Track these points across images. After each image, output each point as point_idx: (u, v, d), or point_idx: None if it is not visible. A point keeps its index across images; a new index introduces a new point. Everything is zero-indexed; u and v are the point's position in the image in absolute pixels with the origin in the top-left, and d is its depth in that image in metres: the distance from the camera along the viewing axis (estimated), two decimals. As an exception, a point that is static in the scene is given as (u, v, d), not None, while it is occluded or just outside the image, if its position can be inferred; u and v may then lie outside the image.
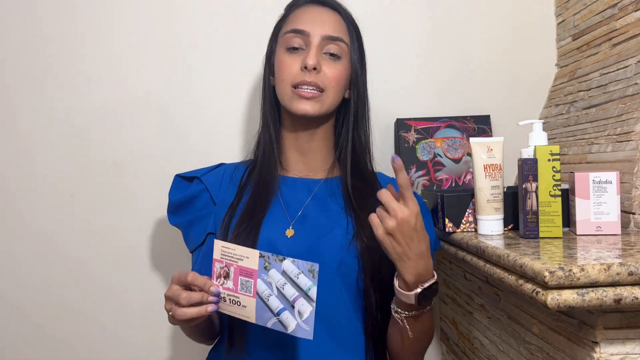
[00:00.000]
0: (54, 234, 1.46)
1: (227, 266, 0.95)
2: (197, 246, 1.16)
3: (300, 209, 1.13)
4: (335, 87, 1.14)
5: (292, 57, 1.13)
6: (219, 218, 1.13)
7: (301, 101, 1.11)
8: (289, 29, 1.15)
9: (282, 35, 1.17)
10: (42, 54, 1.45)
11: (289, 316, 0.92)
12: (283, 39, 1.15)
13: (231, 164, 1.24)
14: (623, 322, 0.81)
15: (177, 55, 1.48)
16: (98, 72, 1.46)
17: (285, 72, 1.13)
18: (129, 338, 1.48)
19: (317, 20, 1.14)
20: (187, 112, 1.48)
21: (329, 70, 1.13)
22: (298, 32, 1.13)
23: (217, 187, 1.17)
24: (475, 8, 1.55)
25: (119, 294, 1.48)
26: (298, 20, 1.15)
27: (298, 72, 1.12)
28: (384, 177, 1.22)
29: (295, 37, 1.13)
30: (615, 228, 1.02)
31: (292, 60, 1.13)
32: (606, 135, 1.21)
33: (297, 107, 1.11)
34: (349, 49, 1.16)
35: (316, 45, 1.12)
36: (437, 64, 1.54)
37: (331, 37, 1.14)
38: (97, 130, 1.46)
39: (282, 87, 1.14)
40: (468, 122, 1.50)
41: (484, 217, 1.10)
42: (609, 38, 1.32)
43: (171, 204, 1.21)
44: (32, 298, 1.46)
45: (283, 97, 1.14)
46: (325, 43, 1.13)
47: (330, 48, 1.14)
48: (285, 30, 1.16)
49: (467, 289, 1.32)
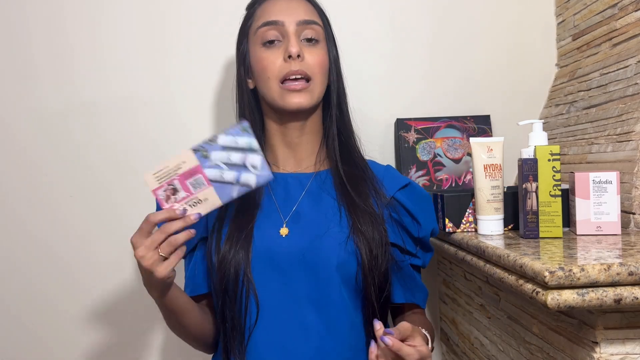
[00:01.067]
0: (54, 235, 1.47)
1: (169, 184, 0.96)
2: (187, 252, 1.12)
3: (293, 206, 1.10)
4: (320, 72, 1.11)
5: (272, 51, 1.10)
6: (211, 222, 1.10)
7: (292, 95, 1.08)
8: (261, 22, 1.11)
9: (254, 31, 1.12)
10: (36, 54, 1.45)
11: (246, 175, 0.97)
12: (256, 35, 1.11)
13: None
14: (623, 322, 0.81)
15: (178, 56, 1.48)
16: (96, 73, 1.46)
17: (268, 68, 1.09)
18: (130, 338, 1.49)
19: (287, 8, 1.11)
20: (187, 113, 1.49)
21: (311, 57, 1.10)
22: (272, 24, 1.10)
23: None
24: (475, 8, 1.55)
25: (120, 294, 1.48)
26: (268, 13, 1.11)
27: (282, 65, 1.08)
28: (376, 165, 1.19)
29: (270, 30, 1.10)
30: (615, 228, 1.02)
31: (272, 55, 1.09)
32: (606, 135, 1.21)
33: (290, 102, 1.08)
34: (324, 32, 1.14)
35: (293, 32, 1.09)
36: (437, 64, 1.54)
37: (306, 21, 1.11)
38: (97, 130, 1.46)
39: (268, 85, 1.10)
40: (468, 122, 1.50)
41: (484, 217, 1.10)
42: (609, 38, 1.32)
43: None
44: (32, 298, 1.46)
45: (271, 95, 1.10)
46: (301, 29, 1.10)
47: (307, 33, 1.11)
48: (257, 26, 1.12)
49: (467, 289, 1.32)
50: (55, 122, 1.46)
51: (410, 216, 1.12)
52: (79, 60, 1.46)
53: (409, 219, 1.12)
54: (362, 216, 1.07)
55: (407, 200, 1.13)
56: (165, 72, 1.48)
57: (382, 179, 1.14)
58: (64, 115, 1.46)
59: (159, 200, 0.97)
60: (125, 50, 1.47)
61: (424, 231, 1.12)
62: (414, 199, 1.14)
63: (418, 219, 1.12)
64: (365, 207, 1.08)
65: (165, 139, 1.47)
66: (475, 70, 1.55)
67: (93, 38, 1.46)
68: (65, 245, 1.46)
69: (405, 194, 1.14)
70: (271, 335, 1.04)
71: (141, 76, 1.47)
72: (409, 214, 1.12)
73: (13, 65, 1.45)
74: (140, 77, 1.47)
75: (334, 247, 1.05)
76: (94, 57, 1.46)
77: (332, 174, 1.14)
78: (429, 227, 1.13)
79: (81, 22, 1.46)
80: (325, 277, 1.04)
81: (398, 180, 1.16)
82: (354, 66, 1.48)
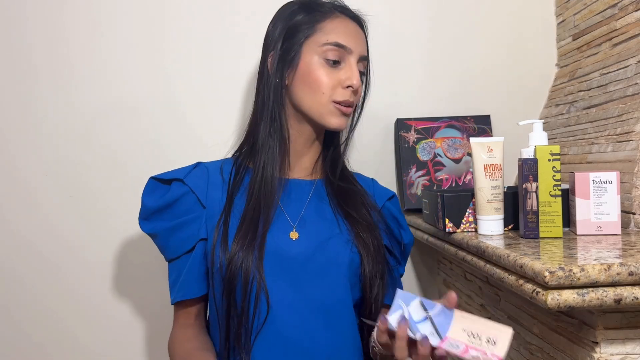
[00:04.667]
0: (53, 235, 1.46)
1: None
2: (182, 254, 1.10)
3: (299, 210, 1.13)
4: (359, 102, 1.18)
5: (333, 71, 1.11)
6: (212, 223, 1.09)
7: (340, 117, 1.12)
8: (332, 40, 1.11)
9: (319, 43, 1.11)
10: (35, 55, 1.45)
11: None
12: (322, 48, 1.11)
13: (211, 162, 1.18)
14: (623, 322, 0.81)
15: (178, 56, 1.48)
16: (96, 74, 1.46)
17: (325, 85, 1.10)
18: (132, 337, 1.49)
19: (355, 37, 1.13)
20: (187, 113, 1.48)
21: (361, 89, 1.16)
22: (342, 47, 1.11)
23: (204, 188, 1.12)
24: (475, 8, 1.55)
25: (120, 293, 1.48)
26: (341, 34, 1.12)
27: (342, 91, 1.11)
28: (362, 177, 1.24)
29: (338, 52, 1.11)
30: (615, 228, 1.02)
31: (333, 74, 1.11)
32: (606, 135, 1.21)
33: (333, 122, 1.11)
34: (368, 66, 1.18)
35: (355, 63, 1.12)
36: (438, 64, 1.54)
37: (364, 57, 1.15)
38: (97, 130, 1.46)
39: (318, 98, 1.11)
40: (468, 122, 1.50)
41: (484, 217, 1.10)
42: (609, 38, 1.32)
43: (147, 210, 1.12)
44: (31, 298, 1.46)
45: (317, 108, 1.11)
46: (360, 64, 1.14)
47: (360, 66, 1.14)
48: (324, 40, 1.11)
49: (467, 289, 1.32)
50: (55, 123, 1.46)
51: (398, 224, 1.20)
52: (79, 61, 1.46)
53: (396, 226, 1.20)
54: (358, 223, 1.13)
55: (395, 209, 1.22)
56: (165, 73, 1.48)
57: (371, 190, 1.22)
58: (64, 115, 1.46)
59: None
60: (125, 52, 1.47)
61: (408, 237, 1.21)
62: (399, 209, 1.23)
63: (404, 226, 1.21)
64: (360, 215, 1.14)
65: (165, 139, 1.47)
66: (476, 70, 1.55)
67: (93, 39, 1.46)
68: (66, 245, 1.46)
69: (393, 204, 1.23)
70: (278, 335, 1.05)
71: (141, 77, 1.47)
72: (397, 222, 1.20)
73: (13, 67, 1.45)
74: (141, 78, 1.47)
75: (342, 248, 1.09)
76: (93, 59, 1.46)
77: (325, 184, 1.18)
78: (411, 236, 1.22)
79: (80, 24, 1.46)
80: (333, 278, 1.08)
81: (385, 191, 1.24)
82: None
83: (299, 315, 1.05)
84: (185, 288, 1.10)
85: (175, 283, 1.11)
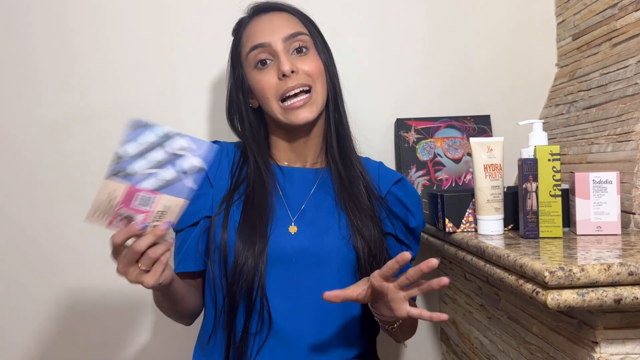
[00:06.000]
0: (53, 235, 1.46)
1: (117, 216, 0.90)
2: (187, 226, 1.12)
3: (300, 202, 1.13)
4: (319, 78, 1.13)
5: (266, 71, 1.12)
6: (216, 204, 1.11)
7: (297, 112, 1.10)
8: (249, 47, 1.13)
9: (245, 57, 1.15)
10: (37, 57, 1.45)
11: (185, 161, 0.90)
12: (248, 60, 1.14)
13: (228, 143, 1.20)
14: (623, 322, 0.81)
15: (178, 57, 1.48)
16: (96, 76, 1.46)
17: (266, 89, 1.11)
18: (132, 337, 1.49)
19: (271, 27, 1.13)
20: (187, 114, 1.49)
21: (305, 65, 1.12)
22: (259, 47, 1.12)
23: (214, 169, 1.14)
24: (475, 8, 1.55)
25: (120, 293, 1.48)
26: (253, 36, 1.13)
27: (278, 84, 1.10)
28: (369, 161, 1.23)
29: (259, 53, 1.12)
30: (615, 228, 1.02)
31: (267, 75, 1.11)
32: (606, 135, 1.21)
33: (295, 118, 1.11)
34: (311, 39, 1.16)
35: (282, 50, 1.11)
36: (437, 64, 1.54)
37: (291, 35, 1.12)
38: (97, 130, 1.46)
39: (269, 104, 1.12)
40: (468, 122, 1.50)
41: (484, 217, 1.10)
42: (609, 38, 1.32)
43: None
44: (31, 298, 1.46)
45: (274, 114, 1.13)
46: (289, 44, 1.12)
47: (295, 45, 1.13)
48: (246, 51, 1.14)
49: (467, 289, 1.32)
50: (55, 124, 1.46)
51: (405, 208, 1.18)
52: (82, 60, 1.46)
53: (403, 210, 1.17)
54: (359, 215, 1.11)
55: (402, 193, 1.19)
56: (166, 74, 1.48)
57: (376, 176, 1.19)
58: (64, 116, 1.46)
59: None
60: (129, 52, 1.47)
61: (416, 221, 1.18)
62: (407, 193, 1.19)
63: (412, 210, 1.18)
64: (362, 206, 1.13)
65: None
66: (475, 70, 1.55)
67: (93, 40, 1.46)
68: (65, 246, 1.46)
69: (399, 188, 1.19)
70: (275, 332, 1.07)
71: (144, 77, 1.47)
72: (404, 206, 1.18)
73: (14, 68, 1.45)
74: (143, 78, 1.47)
75: (337, 244, 1.09)
76: (94, 60, 1.46)
77: (330, 173, 1.17)
78: (420, 219, 1.19)
79: (83, 25, 1.46)
80: (329, 272, 1.08)
81: (392, 175, 1.21)
82: (354, 66, 1.48)
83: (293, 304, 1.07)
84: (186, 261, 1.13)
85: (177, 254, 1.14)
